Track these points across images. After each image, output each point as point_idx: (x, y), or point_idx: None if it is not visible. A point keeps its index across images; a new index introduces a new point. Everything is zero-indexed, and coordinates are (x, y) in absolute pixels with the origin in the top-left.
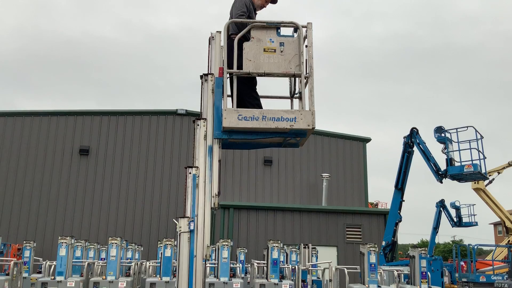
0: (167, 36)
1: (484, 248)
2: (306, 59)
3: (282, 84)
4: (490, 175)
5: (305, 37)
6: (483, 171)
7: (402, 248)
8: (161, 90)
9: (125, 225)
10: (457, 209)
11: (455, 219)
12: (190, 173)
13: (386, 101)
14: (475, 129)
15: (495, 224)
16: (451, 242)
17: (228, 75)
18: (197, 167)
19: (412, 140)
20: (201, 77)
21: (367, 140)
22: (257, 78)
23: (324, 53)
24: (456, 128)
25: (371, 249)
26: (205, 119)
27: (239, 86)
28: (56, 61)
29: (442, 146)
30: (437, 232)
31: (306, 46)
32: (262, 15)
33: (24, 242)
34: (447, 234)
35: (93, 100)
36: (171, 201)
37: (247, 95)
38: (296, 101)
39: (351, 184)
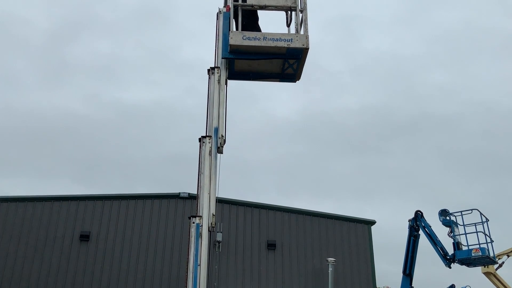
0: (138, 110)
1: None
2: None
3: (280, 19)
4: (499, 259)
5: None
6: (491, 255)
7: None
8: (137, 164)
9: None
10: None
11: None
12: (193, 222)
13: (370, 175)
14: (480, 212)
15: None
16: None
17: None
18: (201, 216)
19: (417, 223)
20: (208, 71)
21: (372, 222)
22: (258, 13)
23: (298, 127)
24: (461, 211)
25: None
26: (210, 136)
27: (244, 21)
28: (27, 136)
29: (447, 229)
30: None
31: None
32: None
33: None
34: None
35: (67, 177)
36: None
37: (251, 26)
38: (292, 31)
39: (358, 269)
